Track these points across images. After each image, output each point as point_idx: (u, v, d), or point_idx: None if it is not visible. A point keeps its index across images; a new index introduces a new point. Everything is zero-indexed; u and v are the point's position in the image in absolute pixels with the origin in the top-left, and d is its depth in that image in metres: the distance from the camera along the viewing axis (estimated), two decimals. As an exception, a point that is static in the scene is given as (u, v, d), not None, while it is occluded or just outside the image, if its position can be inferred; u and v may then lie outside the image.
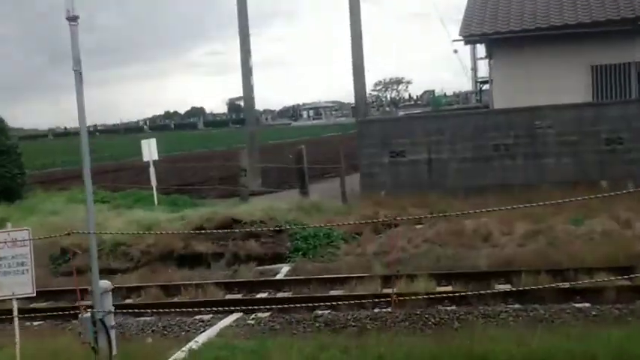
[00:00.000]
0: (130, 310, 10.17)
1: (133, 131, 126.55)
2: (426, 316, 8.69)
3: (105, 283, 5.92)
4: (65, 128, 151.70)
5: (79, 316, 5.89)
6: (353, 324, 8.67)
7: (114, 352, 5.98)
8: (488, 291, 9.41)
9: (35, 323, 9.77)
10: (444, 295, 9.48)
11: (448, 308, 9.03)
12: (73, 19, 5.54)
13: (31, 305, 10.16)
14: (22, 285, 5.91)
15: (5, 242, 5.81)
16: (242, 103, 23.04)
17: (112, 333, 5.94)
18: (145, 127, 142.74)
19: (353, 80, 22.79)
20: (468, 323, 8.34)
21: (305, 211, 15.06)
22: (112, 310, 6.01)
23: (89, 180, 5.87)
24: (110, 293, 5.99)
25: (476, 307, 8.91)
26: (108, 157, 43.99)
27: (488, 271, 10.56)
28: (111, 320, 5.92)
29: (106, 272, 13.23)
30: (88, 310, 5.89)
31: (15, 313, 5.98)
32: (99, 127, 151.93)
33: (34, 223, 15.58)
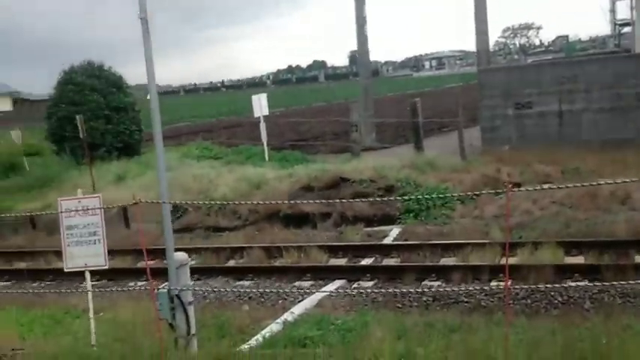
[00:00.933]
0: (229, 275, 9.78)
1: (256, 86, 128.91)
2: (552, 293, 7.56)
3: (181, 256, 5.35)
4: (195, 84, 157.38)
5: (155, 290, 5.38)
6: (465, 299, 7.72)
7: (192, 330, 5.44)
8: (627, 263, 8.11)
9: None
10: (574, 267, 8.27)
11: (579, 284, 7.83)
12: (144, 13, 4.87)
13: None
14: (94, 256, 5.50)
15: (76, 210, 5.38)
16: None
17: (190, 310, 5.41)
18: (267, 81, 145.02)
19: (475, 26, 21.10)
20: (602, 304, 7.16)
21: (418, 168, 14.03)
22: (190, 284, 5.45)
23: (161, 145, 5.29)
24: (187, 267, 5.42)
25: (612, 283, 7.64)
26: (227, 113, 44.62)
27: (627, 240, 9.14)
28: (188, 296, 5.37)
29: (214, 230, 13.08)
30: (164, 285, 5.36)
31: (88, 286, 5.59)
32: (225, 83, 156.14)
33: (148, 178, 15.71)
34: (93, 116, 17.94)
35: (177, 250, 11.03)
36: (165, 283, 5.45)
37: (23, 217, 13.46)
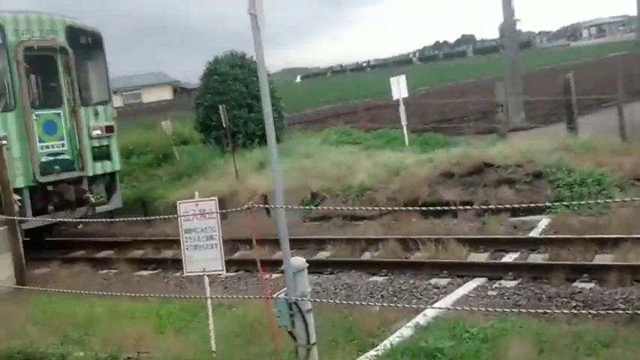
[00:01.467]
0: (362, 269, 9.45)
1: (402, 64, 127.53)
2: None
3: (298, 261, 5.08)
4: (341, 65, 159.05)
5: (274, 296, 5.16)
6: (622, 306, 6.82)
7: (312, 339, 5.16)
8: None
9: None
10: None
11: None
12: (252, 9, 4.60)
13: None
14: (211, 260, 5.37)
15: (194, 214, 5.27)
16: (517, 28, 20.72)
17: (310, 318, 5.13)
18: (414, 59, 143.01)
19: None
20: None
21: (572, 151, 12.84)
22: (307, 291, 5.16)
23: (274, 145, 5.03)
24: (305, 272, 5.14)
25: None
26: (370, 94, 44.34)
27: None
28: (307, 305, 5.09)
29: (350, 219, 12.83)
30: (281, 292, 5.12)
31: (208, 292, 5.48)
32: (371, 62, 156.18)
33: (288, 164, 15.81)
34: (236, 105, 18.29)
35: (311, 240, 10.99)
36: (284, 290, 5.21)
37: (172, 205, 13.99)
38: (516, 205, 10.84)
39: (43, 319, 8.08)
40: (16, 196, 10.87)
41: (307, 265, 5.20)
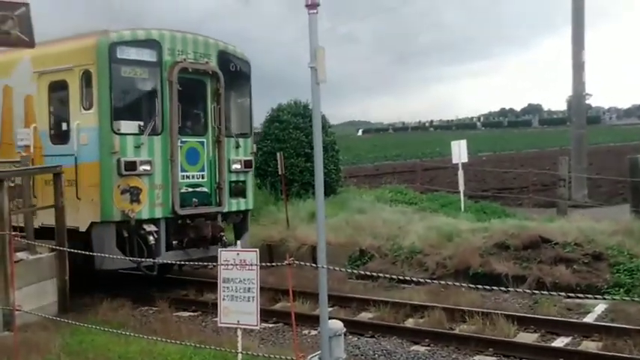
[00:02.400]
0: (405, 336, 9.11)
1: (466, 127, 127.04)
2: None
3: (336, 325, 4.88)
4: (403, 123, 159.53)
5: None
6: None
7: (343, 408, 4.92)
8: None
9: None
10: None
11: None
12: (312, 6, 4.58)
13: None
14: (247, 314, 5.22)
15: (234, 264, 5.16)
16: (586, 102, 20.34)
17: (343, 385, 4.89)
18: (477, 123, 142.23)
19: None
20: None
21: (635, 235, 12.26)
22: (343, 357, 4.94)
23: (322, 203, 4.90)
24: (342, 337, 4.93)
25: None
26: (430, 154, 44.03)
27: None
28: (341, 370, 4.86)
29: (397, 281, 12.49)
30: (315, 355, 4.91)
31: (239, 346, 5.32)
32: (434, 123, 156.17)
33: (339, 218, 15.66)
34: (294, 153, 18.38)
35: (354, 299, 10.70)
36: (318, 353, 5.01)
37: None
38: (571, 292, 10.37)
39: (77, 350, 8.07)
40: (151, 227, 10.72)
41: (345, 330, 4.98)
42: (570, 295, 8.71)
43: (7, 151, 11.98)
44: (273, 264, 5.35)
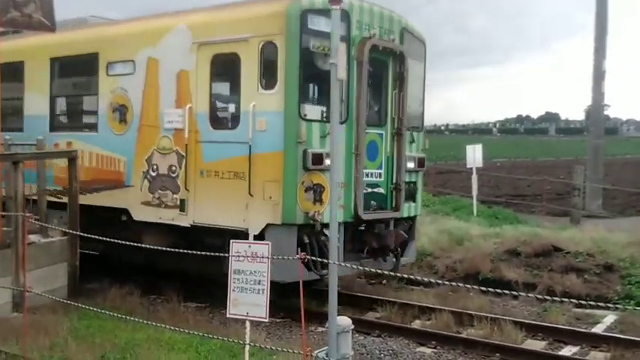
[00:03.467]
0: (411, 337, 9.09)
1: (482, 132, 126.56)
2: None
3: (344, 321, 4.88)
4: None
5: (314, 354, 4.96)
6: None
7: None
8: None
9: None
10: None
11: None
12: (336, 1, 4.55)
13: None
14: (256, 306, 5.23)
15: (245, 255, 5.17)
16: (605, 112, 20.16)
17: (350, 382, 4.88)
18: (493, 129, 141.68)
19: None
20: None
21: (648, 248, 12.16)
22: (350, 354, 4.94)
23: (334, 204, 4.89)
24: (350, 333, 4.93)
25: None
26: (444, 157, 43.91)
27: None
28: (348, 367, 4.85)
29: (406, 282, 12.46)
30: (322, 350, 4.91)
31: (247, 338, 5.33)
32: (450, 127, 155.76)
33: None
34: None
35: (363, 299, 10.69)
36: (325, 348, 5.01)
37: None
38: (581, 301, 10.30)
39: (84, 334, 8.12)
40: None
41: (353, 326, 4.98)
42: (581, 302, 8.61)
43: (148, 135, 10.42)
44: (285, 257, 5.35)
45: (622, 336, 8.88)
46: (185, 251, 6.45)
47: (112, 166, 11.01)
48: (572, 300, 5.65)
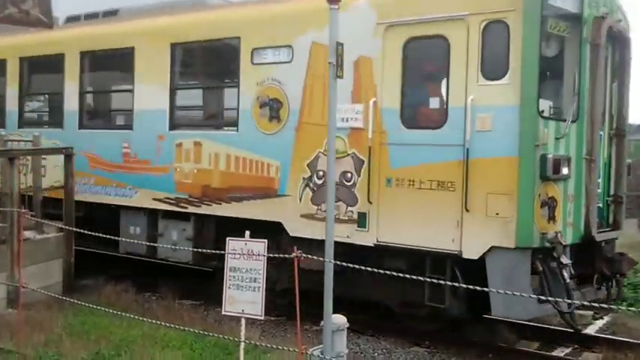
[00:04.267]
0: (406, 337, 9.13)
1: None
2: None
3: (339, 319, 4.91)
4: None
5: (309, 351, 4.99)
6: None
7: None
8: None
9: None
10: None
11: None
12: (334, 1, 4.61)
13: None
14: (252, 304, 5.27)
15: (241, 253, 5.21)
16: None
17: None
18: None
19: None
20: None
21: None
22: (345, 352, 4.97)
23: (332, 200, 4.92)
24: (345, 331, 4.97)
25: None
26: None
27: None
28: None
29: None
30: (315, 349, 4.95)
31: (242, 335, 5.36)
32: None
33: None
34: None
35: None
36: (320, 347, 5.04)
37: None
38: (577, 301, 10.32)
39: (79, 331, 8.14)
40: (566, 258, 7.46)
41: (348, 324, 5.02)
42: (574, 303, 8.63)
43: (312, 135, 8.72)
44: (280, 255, 5.39)
45: (614, 337, 8.94)
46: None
47: (258, 172, 9.24)
48: (565, 301, 5.62)
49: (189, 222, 9.91)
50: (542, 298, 6.61)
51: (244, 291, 5.30)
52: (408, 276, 5.10)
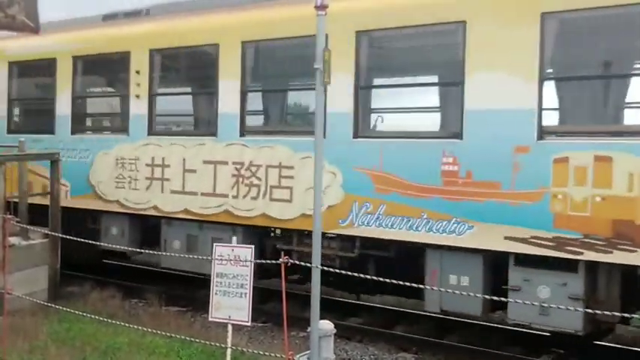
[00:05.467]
0: (393, 342, 9.12)
1: None
2: None
3: (326, 325, 4.89)
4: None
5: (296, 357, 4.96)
6: None
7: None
8: None
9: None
10: None
11: None
12: (321, 7, 4.61)
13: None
14: (238, 310, 5.24)
15: (228, 259, 5.18)
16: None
17: (334, 387, 4.89)
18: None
19: None
20: None
21: None
22: (332, 358, 4.96)
23: (319, 204, 4.90)
24: (332, 337, 4.95)
25: None
26: None
27: None
28: (331, 372, 4.86)
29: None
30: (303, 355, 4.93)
31: (229, 342, 5.33)
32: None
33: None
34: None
35: (347, 304, 10.71)
36: (307, 352, 5.02)
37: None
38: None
39: (65, 338, 8.07)
40: None
41: (335, 330, 5.00)
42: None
43: None
44: (266, 261, 5.36)
45: (601, 343, 8.96)
46: None
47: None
48: (551, 306, 5.65)
49: (575, 273, 7.14)
50: None
51: (231, 297, 5.27)
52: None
